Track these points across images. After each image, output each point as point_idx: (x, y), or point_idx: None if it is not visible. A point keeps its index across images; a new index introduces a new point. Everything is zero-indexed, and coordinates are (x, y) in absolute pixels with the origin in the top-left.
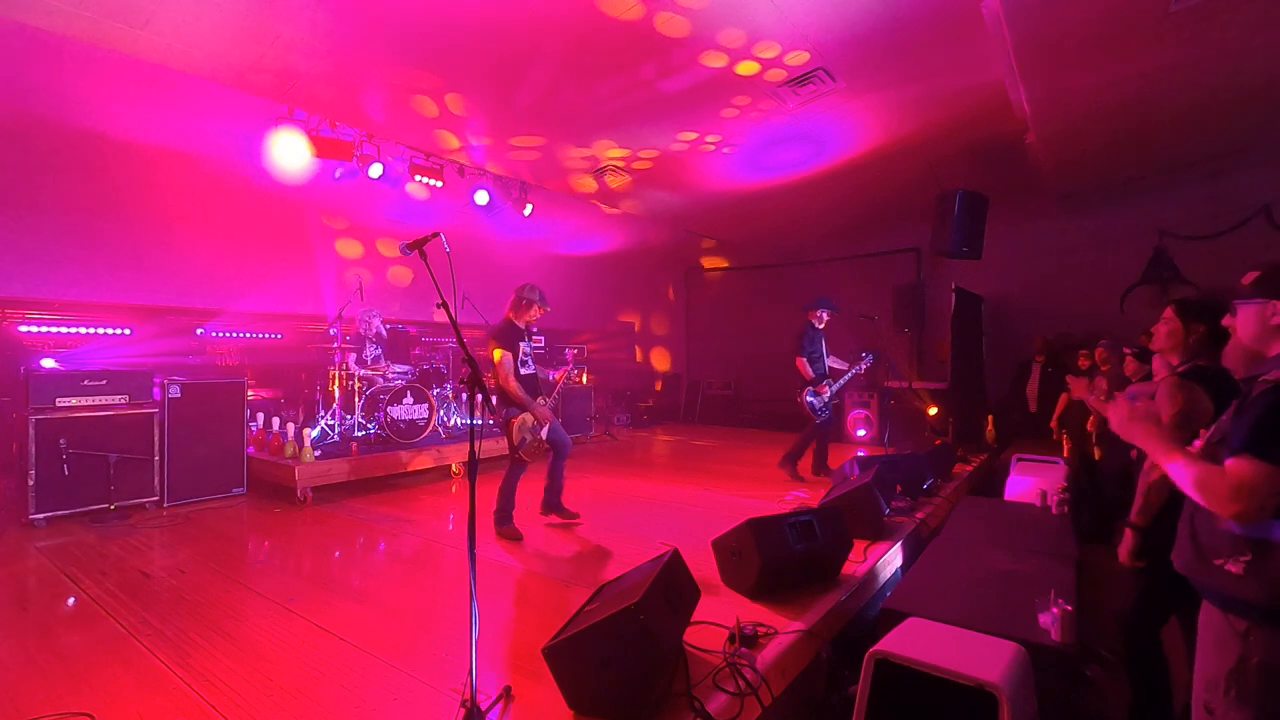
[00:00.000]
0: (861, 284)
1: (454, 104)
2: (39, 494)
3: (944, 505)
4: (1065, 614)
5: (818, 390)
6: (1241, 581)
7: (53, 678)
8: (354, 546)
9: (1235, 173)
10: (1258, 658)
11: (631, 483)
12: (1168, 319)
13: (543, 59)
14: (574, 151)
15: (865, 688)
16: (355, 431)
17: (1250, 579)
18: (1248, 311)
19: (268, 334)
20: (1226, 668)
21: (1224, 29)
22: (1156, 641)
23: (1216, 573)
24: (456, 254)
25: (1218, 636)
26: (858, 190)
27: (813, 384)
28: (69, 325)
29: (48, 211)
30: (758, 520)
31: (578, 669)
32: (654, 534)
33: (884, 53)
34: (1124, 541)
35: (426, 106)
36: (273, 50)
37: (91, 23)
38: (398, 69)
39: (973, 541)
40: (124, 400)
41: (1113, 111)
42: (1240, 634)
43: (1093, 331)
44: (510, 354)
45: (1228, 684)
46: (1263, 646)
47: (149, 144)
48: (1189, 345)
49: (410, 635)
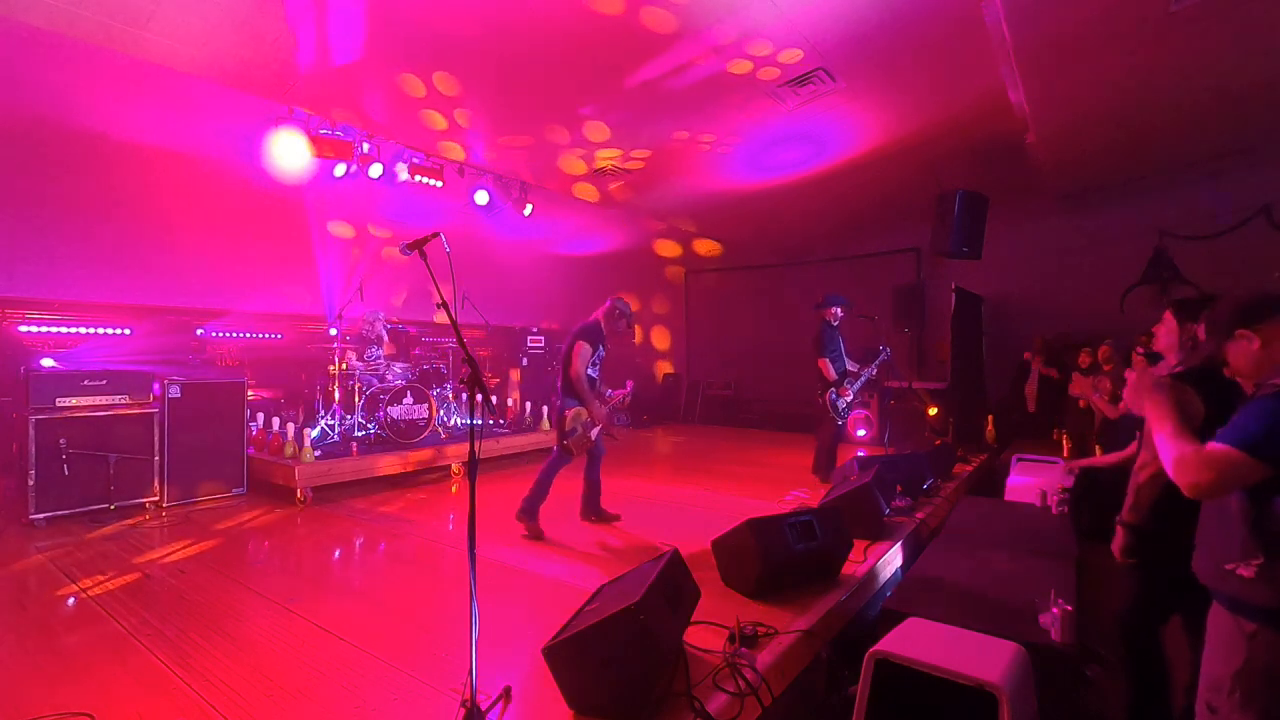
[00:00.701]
0: (861, 284)
1: (455, 105)
2: (39, 494)
3: (944, 505)
4: (1065, 614)
5: (840, 392)
6: (1253, 585)
7: (53, 678)
8: (354, 546)
9: (1235, 173)
10: (1264, 660)
11: (631, 483)
12: (1167, 320)
13: (542, 58)
14: (573, 151)
15: (865, 688)
16: (355, 431)
17: (1261, 583)
18: (1234, 351)
19: (268, 334)
20: (1233, 669)
21: (1224, 29)
22: (1156, 641)
23: (1228, 577)
24: (456, 254)
25: (1225, 638)
26: (858, 190)
27: (835, 385)
28: (69, 325)
29: (48, 211)
30: (758, 520)
31: (578, 669)
32: (654, 534)
33: (884, 52)
34: (1116, 539)
35: (427, 108)
36: (273, 50)
37: (91, 23)
38: (398, 68)
39: (973, 541)
40: (124, 400)
41: (1113, 111)
42: (1248, 636)
43: (1093, 331)
44: (590, 349)
45: (1233, 685)
46: (1269, 649)
47: (149, 144)
48: (1184, 345)
49: (410, 635)
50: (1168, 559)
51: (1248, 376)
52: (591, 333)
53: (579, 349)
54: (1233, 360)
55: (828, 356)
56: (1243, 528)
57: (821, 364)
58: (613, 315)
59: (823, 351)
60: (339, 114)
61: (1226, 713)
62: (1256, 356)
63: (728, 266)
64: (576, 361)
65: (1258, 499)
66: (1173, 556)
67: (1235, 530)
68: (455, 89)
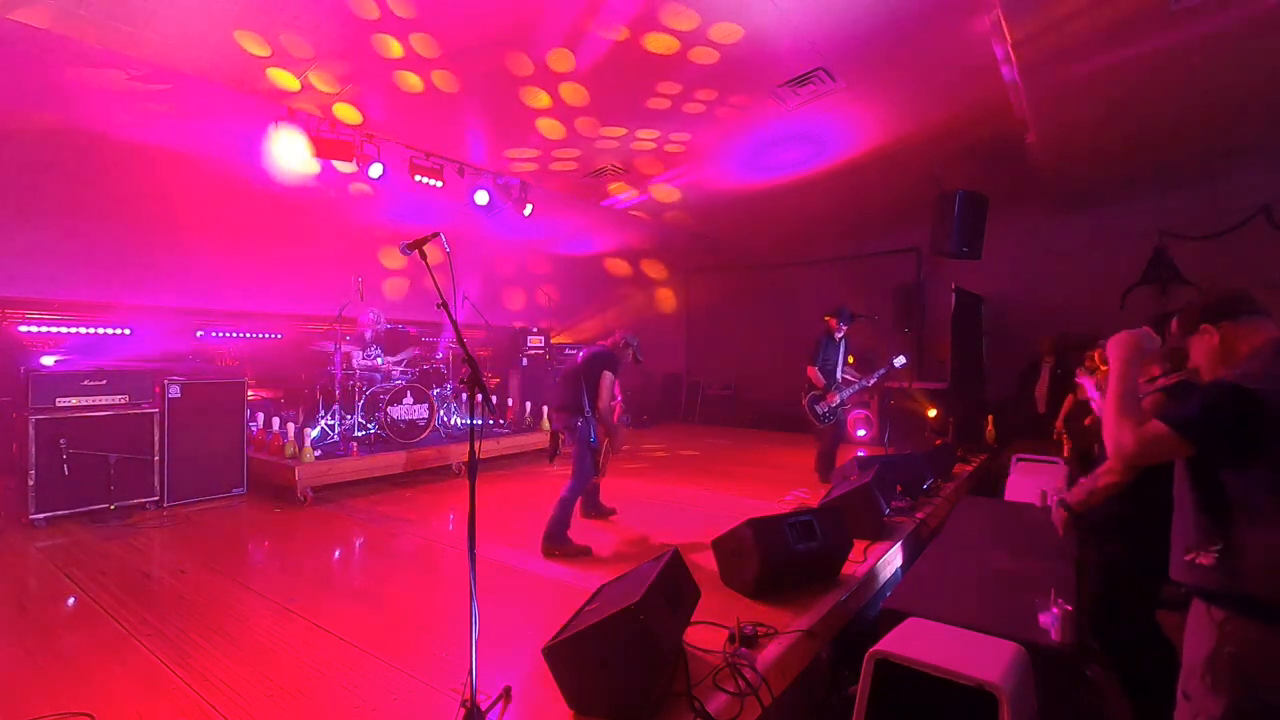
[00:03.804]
0: (861, 284)
1: (454, 104)
2: (39, 494)
3: (944, 505)
4: (1065, 614)
5: (828, 398)
6: (1214, 573)
7: (53, 678)
8: (354, 546)
9: (1235, 173)
10: (1231, 647)
11: (631, 482)
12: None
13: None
14: (573, 151)
15: (865, 688)
16: (355, 431)
17: (1222, 569)
18: (1195, 344)
19: (268, 334)
20: (1203, 655)
21: (1224, 28)
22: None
23: (1192, 568)
24: (456, 254)
25: (1199, 626)
26: (858, 190)
27: (820, 391)
28: (69, 325)
29: (48, 211)
30: (758, 520)
31: (578, 669)
32: (654, 534)
33: (884, 52)
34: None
35: (426, 106)
36: (273, 49)
37: (91, 23)
38: (398, 67)
39: (973, 541)
40: (124, 400)
41: (1113, 111)
42: (1218, 624)
43: (1093, 331)
44: (614, 379)
45: (1204, 670)
46: (1237, 637)
47: (149, 144)
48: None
49: (410, 635)
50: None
51: (1204, 371)
52: (614, 364)
53: (607, 380)
54: (1193, 354)
55: (816, 365)
56: (1199, 515)
57: (810, 371)
58: (623, 348)
59: (812, 360)
60: (339, 113)
61: (1199, 698)
62: (1214, 352)
63: (728, 266)
64: (605, 394)
65: (1204, 484)
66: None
67: (1191, 520)
68: (456, 88)
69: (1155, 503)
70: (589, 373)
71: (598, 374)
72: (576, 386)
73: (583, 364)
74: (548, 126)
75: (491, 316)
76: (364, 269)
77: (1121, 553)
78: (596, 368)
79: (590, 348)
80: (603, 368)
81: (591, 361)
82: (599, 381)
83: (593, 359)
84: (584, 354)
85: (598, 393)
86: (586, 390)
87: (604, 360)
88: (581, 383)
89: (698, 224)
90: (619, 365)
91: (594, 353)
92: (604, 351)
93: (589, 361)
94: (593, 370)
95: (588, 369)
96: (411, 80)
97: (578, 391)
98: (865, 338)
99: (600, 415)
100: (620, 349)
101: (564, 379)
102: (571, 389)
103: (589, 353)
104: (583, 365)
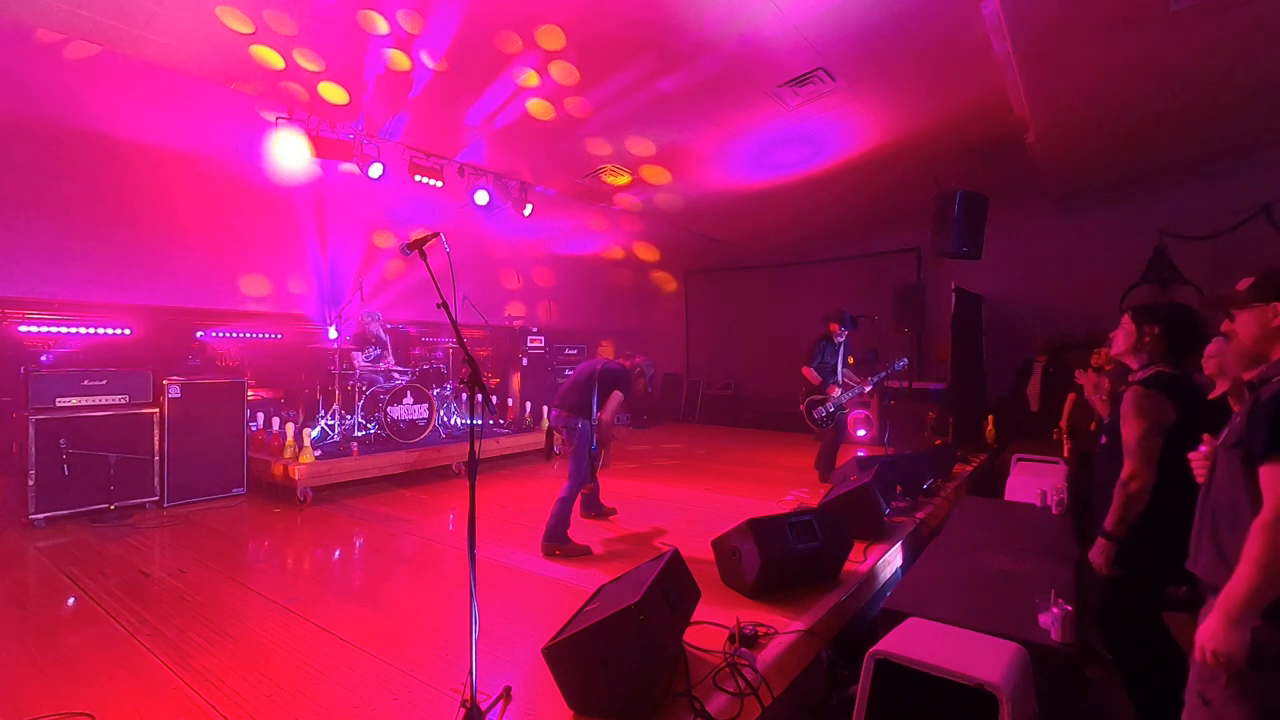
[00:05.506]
0: (861, 284)
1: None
2: (39, 494)
3: (944, 505)
4: (1065, 614)
5: (826, 395)
6: None
7: (53, 678)
8: (354, 546)
9: (1235, 173)
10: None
11: (631, 482)
12: (1124, 324)
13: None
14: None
15: (865, 688)
16: (355, 431)
17: None
18: (1247, 316)
19: (268, 334)
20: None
21: (1223, 28)
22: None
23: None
24: (456, 254)
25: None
26: (858, 190)
27: (818, 395)
28: (69, 325)
29: (48, 211)
30: (758, 520)
31: (578, 669)
32: (654, 534)
33: (883, 52)
34: (1098, 549)
35: (426, 105)
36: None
37: (92, 23)
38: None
39: (973, 541)
40: (124, 400)
41: (1112, 111)
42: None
43: (1093, 331)
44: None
45: (1229, 677)
46: (1268, 644)
47: (149, 144)
48: (1145, 345)
49: (410, 635)
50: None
51: (1243, 349)
52: (627, 385)
53: (617, 399)
54: (1240, 326)
55: (814, 366)
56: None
57: (805, 371)
58: (638, 375)
59: (810, 361)
60: (339, 113)
61: (1220, 704)
62: (1271, 333)
63: (728, 266)
64: (611, 409)
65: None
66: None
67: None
68: (456, 88)
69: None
70: (603, 385)
71: (609, 390)
72: (588, 392)
73: (599, 374)
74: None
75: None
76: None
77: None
78: (610, 383)
79: (609, 362)
80: (616, 385)
81: (607, 376)
82: (610, 396)
83: (609, 374)
84: (601, 365)
85: (606, 405)
86: (597, 399)
87: (619, 379)
88: (594, 391)
89: (698, 224)
90: (630, 389)
91: (612, 369)
92: (622, 370)
93: (605, 375)
94: (606, 384)
95: (603, 381)
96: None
97: (588, 397)
98: (865, 338)
99: (601, 426)
100: (636, 374)
101: (575, 381)
102: (583, 393)
103: (606, 367)
104: (599, 375)
